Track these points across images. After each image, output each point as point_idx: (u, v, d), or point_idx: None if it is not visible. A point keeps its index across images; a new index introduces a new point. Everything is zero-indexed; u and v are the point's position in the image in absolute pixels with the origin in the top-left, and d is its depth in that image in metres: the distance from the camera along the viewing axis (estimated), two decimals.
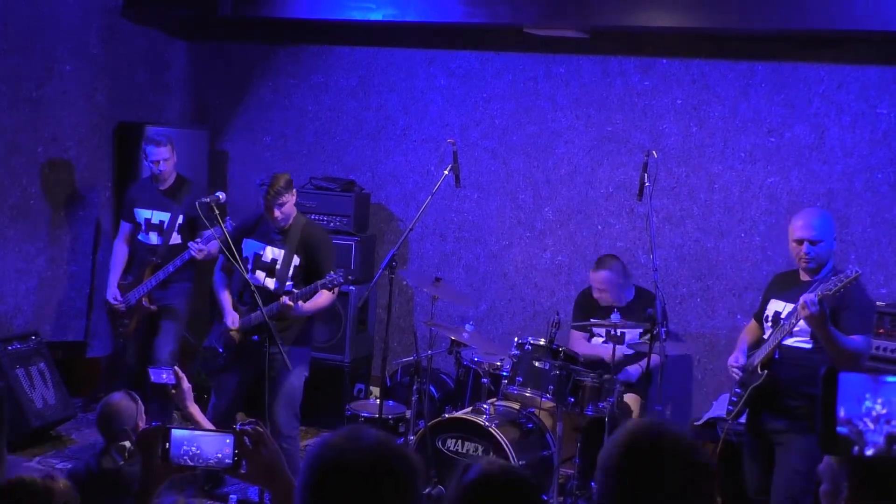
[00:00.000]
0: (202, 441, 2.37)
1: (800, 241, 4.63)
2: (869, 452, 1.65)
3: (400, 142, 7.53)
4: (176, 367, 3.74)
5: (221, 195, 5.76)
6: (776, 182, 6.47)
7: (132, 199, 6.63)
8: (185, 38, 8.09)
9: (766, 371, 4.63)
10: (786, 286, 4.80)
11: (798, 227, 4.66)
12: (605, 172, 6.93)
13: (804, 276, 4.70)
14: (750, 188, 6.54)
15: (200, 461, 2.36)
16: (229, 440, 2.35)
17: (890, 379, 1.65)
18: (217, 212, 5.61)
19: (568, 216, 7.05)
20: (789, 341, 4.61)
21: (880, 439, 1.63)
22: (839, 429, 1.64)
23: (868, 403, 1.63)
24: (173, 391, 3.70)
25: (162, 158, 6.42)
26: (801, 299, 4.40)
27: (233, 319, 5.65)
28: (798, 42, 6.37)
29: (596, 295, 6.14)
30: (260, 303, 5.38)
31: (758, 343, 4.84)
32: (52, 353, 6.79)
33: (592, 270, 6.16)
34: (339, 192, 7.22)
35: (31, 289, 7.02)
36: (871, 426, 1.62)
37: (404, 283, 7.48)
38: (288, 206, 5.55)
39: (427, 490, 5.49)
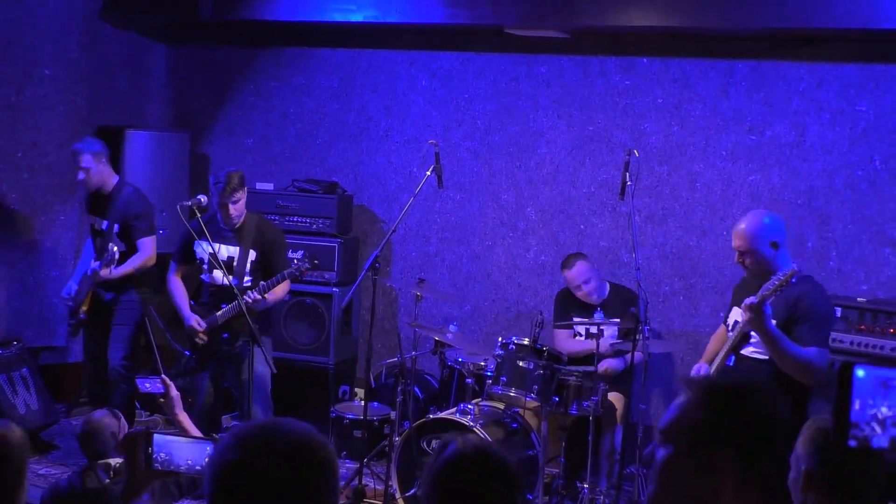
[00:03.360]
0: (174, 447, 2.37)
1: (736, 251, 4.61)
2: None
3: (382, 143, 7.52)
4: (163, 376, 3.72)
5: (203, 198, 5.76)
6: (757, 180, 6.50)
7: (86, 204, 6.59)
8: (165, 41, 8.06)
9: None
10: (746, 293, 4.70)
11: (733, 236, 4.61)
12: (587, 172, 6.95)
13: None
14: (731, 186, 6.57)
15: (171, 466, 2.37)
16: (209, 447, 2.36)
17: None
18: (199, 215, 5.62)
19: (550, 216, 7.06)
20: (747, 350, 4.54)
21: (885, 442, 1.64)
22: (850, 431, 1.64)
23: (872, 410, 1.63)
24: (161, 400, 3.68)
25: (81, 167, 6.25)
26: (744, 302, 4.35)
27: (196, 321, 5.84)
28: (778, 41, 6.40)
29: (583, 293, 6.16)
30: (241, 302, 5.58)
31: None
32: (35, 359, 6.76)
33: (565, 271, 6.20)
34: (321, 194, 7.20)
35: (13, 294, 6.98)
36: (879, 430, 1.62)
37: (388, 284, 7.47)
38: (241, 203, 5.83)
39: (413, 491, 5.50)
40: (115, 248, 6.08)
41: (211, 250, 5.72)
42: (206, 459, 2.32)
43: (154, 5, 7.46)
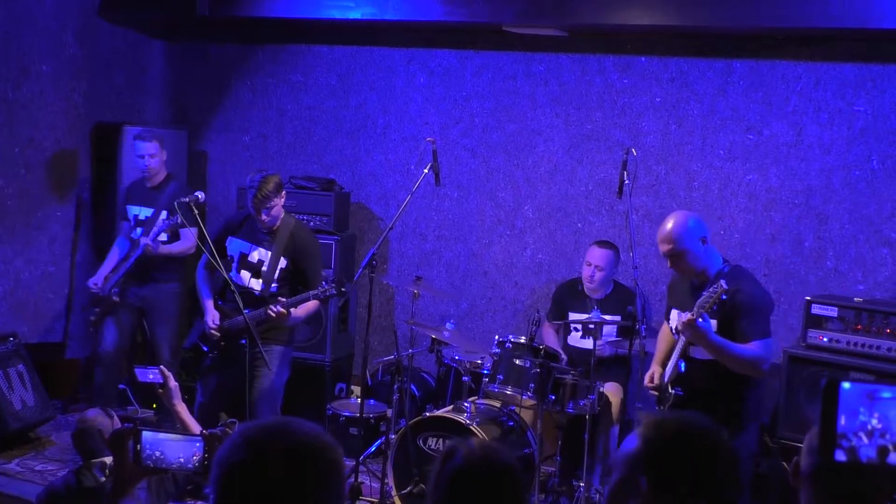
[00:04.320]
0: (166, 445, 2.36)
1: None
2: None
3: (380, 141, 7.52)
4: (162, 367, 3.72)
5: (201, 195, 5.75)
6: (755, 179, 6.50)
7: (125, 195, 6.81)
8: (163, 37, 8.06)
9: (674, 390, 4.54)
10: (682, 293, 4.72)
11: (660, 241, 4.60)
12: (584, 170, 6.94)
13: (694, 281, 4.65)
14: (729, 186, 6.56)
15: (164, 464, 2.37)
16: (199, 444, 2.35)
17: (885, 394, 1.67)
18: (196, 212, 5.61)
19: (548, 214, 7.06)
20: (697, 354, 4.52)
21: (872, 452, 1.65)
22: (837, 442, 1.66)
23: (863, 418, 1.64)
24: (160, 390, 3.69)
25: (147, 154, 6.56)
26: (680, 321, 4.37)
27: (213, 318, 5.61)
28: (775, 40, 6.40)
29: (587, 274, 6.17)
30: (241, 305, 5.34)
31: (671, 352, 4.79)
32: (31, 355, 6.75)
33: (594, 246, 6.24)
34: (319, 192, 7.20)
35: (9, 290, 6.97)
36: (866, 440, 1.64)
37: (385, 281, 7.46)
38: (276, 209, 5.50)
39: (409, 488, 5.49)
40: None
41: (243, 251, 5.61)
42: (195, 457, 2.31)
43: (152, 2, 7.46)
